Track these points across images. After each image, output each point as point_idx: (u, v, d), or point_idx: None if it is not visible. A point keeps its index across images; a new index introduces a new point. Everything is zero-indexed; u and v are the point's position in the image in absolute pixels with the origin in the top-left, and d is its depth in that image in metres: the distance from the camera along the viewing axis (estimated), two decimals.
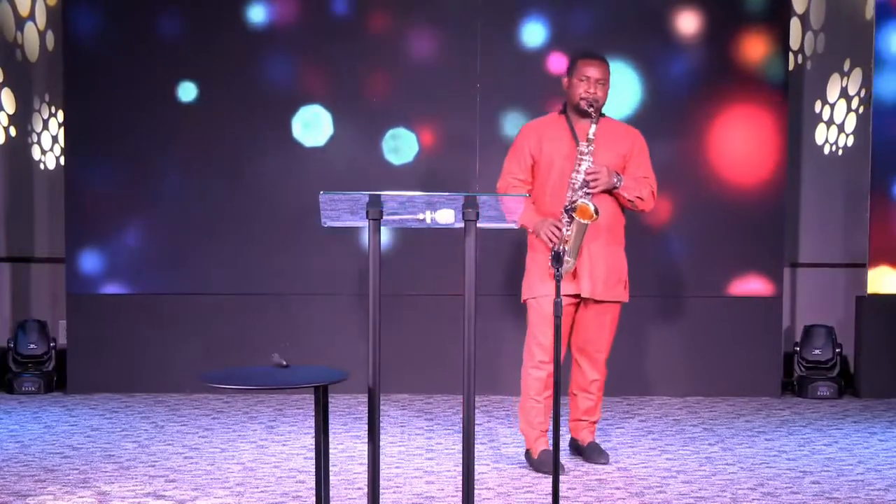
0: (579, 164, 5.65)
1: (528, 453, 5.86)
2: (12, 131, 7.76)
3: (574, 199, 5.59)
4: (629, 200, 5.75)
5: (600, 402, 6.02)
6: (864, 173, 7.60)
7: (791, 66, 7.55)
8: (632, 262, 7.45)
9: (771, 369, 7.53)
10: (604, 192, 5.67)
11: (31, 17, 7.67)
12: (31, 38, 7.69)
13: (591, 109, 5.65)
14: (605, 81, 5.72)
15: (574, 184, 5.64)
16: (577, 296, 5.77)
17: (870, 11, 7.67)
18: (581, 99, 5.68)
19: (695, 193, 7.48)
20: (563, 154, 5.73)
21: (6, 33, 7.68)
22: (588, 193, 5.62)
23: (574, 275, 5.71)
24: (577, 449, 6.04)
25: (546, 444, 5.80)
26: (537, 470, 5.77)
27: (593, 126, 5.64)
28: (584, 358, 5.92)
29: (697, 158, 7.46)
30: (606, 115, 5.85)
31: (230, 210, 7.47)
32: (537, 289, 5.78)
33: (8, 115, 7.77)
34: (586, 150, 5.64)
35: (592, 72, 5.71)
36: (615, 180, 5.68)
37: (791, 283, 7.85)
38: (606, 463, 5.88)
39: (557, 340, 4.68)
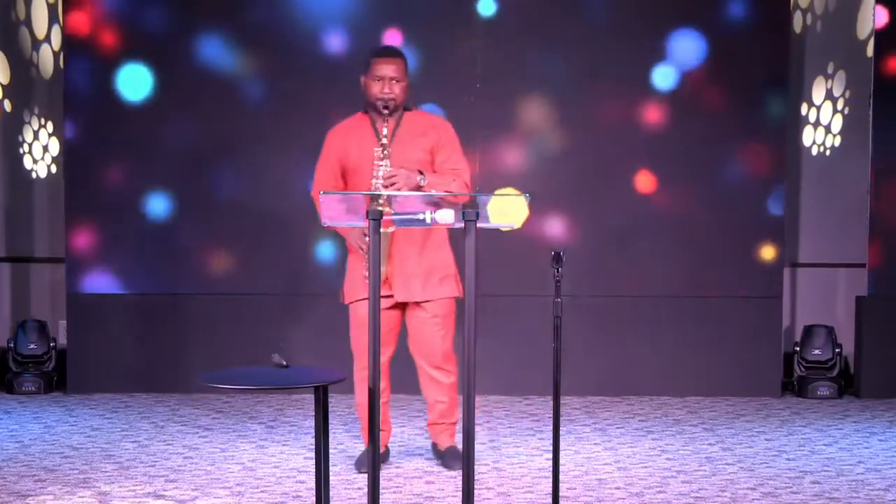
0: (377, 171, 5.54)
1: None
2: (8, 119, 7.80)
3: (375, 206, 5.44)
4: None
5: (455, 403, 5.85)
6: (864, 173, 7.60)
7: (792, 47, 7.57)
8: (631, 262, 7.51)
9: (771, 369, 7.52)
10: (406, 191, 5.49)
11: (48, 39, 7.74)
12: (45, 57, 7.77)
13: (387, 111, 5.56)
14: (400, 78, 5.59)
15: (375, 189, 5.50)
16: (399, 303, 5.72)
17: (863, 22, 7.66)
18: (377, 100, 5.58)
19: (695, 193, 7.48)
20: (369, 156, 5.62)
21: (23, 52, 7.77)
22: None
23: (386, 280, 5.63)
24: (436, 454, 5.97)
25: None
26: (358, 470, 5.76)
27: (385, 129, 5.56)
28: (426, 363, 5.81)
29: (697, 158, 7.46)
30: (415, 108, 5.75)
31: (230, 209, 7.47)
32: (353, 293, 5.76)
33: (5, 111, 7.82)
34: (382, 155, 5.54)
35: (386, 70, 5.58)
36: (418, 180, 5.53)
37: (791, 283, 7.85)
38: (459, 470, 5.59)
39: (558, 341, 4.68)
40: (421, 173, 5.58)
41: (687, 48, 7.43)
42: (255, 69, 7.45)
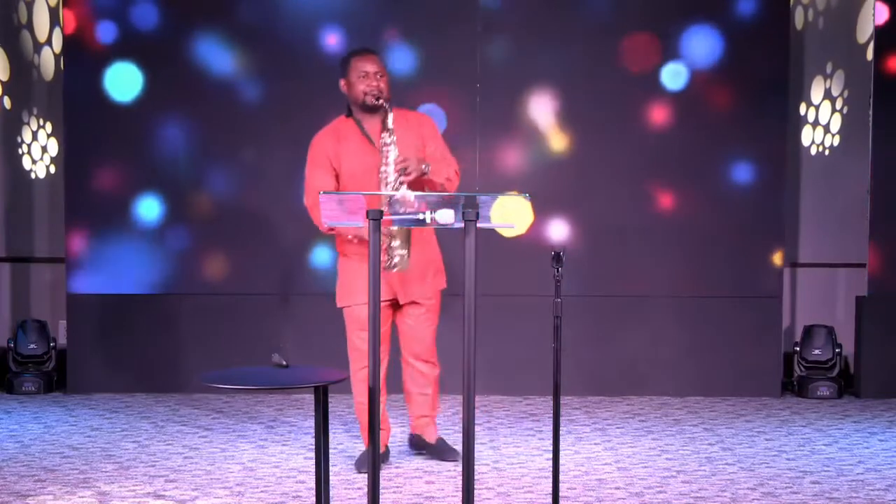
0: (386, 156, 5.54)
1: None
2: (8, 120, 7.83)
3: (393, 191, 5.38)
4: (440, 184, 5.64)
5: (437, 394, 5.96)
6: (864, 173, 7.59)
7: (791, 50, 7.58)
8: (632, 262, 7.51)
9: (771, 369, 7.52)
10: (415, 179, 5.54)
11: (49, 42, 7.78)
12: (46, 60, 7.81)
13: (381, 101, 5.58)
14: (383, 73, 5.66)
15: (385, 177, 5.51)
16: (393, 300, 5.74)
17: (864, 22, 7.66)
18: (366, 95, 5.61)
19: (695, 193, 7.48)
20: (360, 158, 5.64)
21: (25, 55, 7.81)
22: (402, 183, 5.50)
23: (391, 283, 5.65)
24: (423, 446, 6.00)
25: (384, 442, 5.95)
26: (357, 470, 5.77)
27: (390, 115, 5.56)
28: (416, 358, 5.85)
29: (697, 158, 7.46)
30: (395, 107, 5.72)
31: (230, 209, 7.47)
32: (351, 296, 5.73)
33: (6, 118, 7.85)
34: (389, 140, 5.54)
35: (369, 66, 5.65)
36: (423, 166, 5.58)
37: (791, 283, 7.85)
38: (457, 461, 5.73)
39: (558, 341, 4.67)
40: (425, 161, 5.64)
41: (689, 47, 7.42)
42: (254, 69, 7.44)
